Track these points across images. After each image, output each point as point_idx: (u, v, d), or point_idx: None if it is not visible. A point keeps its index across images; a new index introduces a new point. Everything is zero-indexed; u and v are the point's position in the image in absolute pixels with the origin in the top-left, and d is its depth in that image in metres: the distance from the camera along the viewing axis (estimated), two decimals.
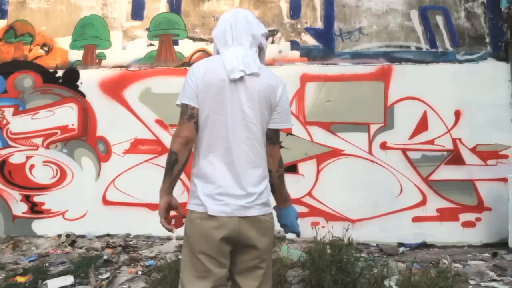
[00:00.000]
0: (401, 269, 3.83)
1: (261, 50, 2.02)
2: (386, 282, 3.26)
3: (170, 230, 1.88)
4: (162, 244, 5.07)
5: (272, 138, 1.93)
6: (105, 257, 4.47)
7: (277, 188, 2.01)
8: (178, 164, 1.81)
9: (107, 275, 4.01)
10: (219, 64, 1.84)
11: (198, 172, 1.84)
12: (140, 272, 4.05)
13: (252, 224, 1.79)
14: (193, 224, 1.79)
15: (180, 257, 2.68)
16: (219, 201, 1.76)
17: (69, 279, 3.86)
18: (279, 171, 1.97)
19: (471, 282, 3.96)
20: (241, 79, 1.81)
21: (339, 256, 3.38)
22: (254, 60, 1.87)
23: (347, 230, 3.65)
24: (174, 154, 1.80)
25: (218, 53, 1.93)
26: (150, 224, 4.82)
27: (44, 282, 3.81)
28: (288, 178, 5.65)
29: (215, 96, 1.80)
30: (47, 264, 4.37)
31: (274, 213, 2.06)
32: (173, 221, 1.88)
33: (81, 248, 5.03)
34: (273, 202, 2.08)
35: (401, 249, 5.26)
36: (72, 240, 5.15)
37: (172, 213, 1.91)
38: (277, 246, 4.20)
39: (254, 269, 1.83)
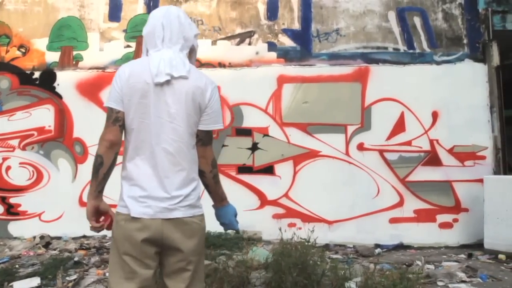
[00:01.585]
0: (371, 271, 3.81)
1: (192, 51, 2.00)
2: (347, 284, 3.25)
3: (99, 230, 1.87)
4: None
5: (203, 139, 1.92)
6: (76, 259, 4.45)
7: (213, 189, 2.00)
8: (103, 168, 1.80)
9: (75, 276, 3.99)
10: (145, 67, 1.82)
11: (125, 174, 1.84)
12: (108, 274, 4.03)
13: (176, 226, 1.78)
14: (118, 225, 1.80)
15: None
16: (142, 203, 1.76)
17: (35, 281, 3.84)
18: (212, 171, 1.97)
19: (439, 283, 3.95)
20: (168, 82, 1.80)
21: (302, 258, 3.37)
22: (184, 63, 1.85)
23: (312, 231, 3.62)
24: (99, 157, 1.81)
25: (148, 53, 1.91)
26: None
27: (10, 284, 3.80)
28: (265, 179, 5.72)
29: (140, 99, 1.79)
30: (17, 266, 4.35)
31: (212, 214, 2.06)
32: (102, 218, 1.88)
33: (55, 249, 5.01)
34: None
35: (377, 250, 5.25)
36: (46, 241, 5.14)
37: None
38: (244, 248, 4.18)
39: (181, 271, 1.82)
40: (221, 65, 5.71)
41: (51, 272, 4.04)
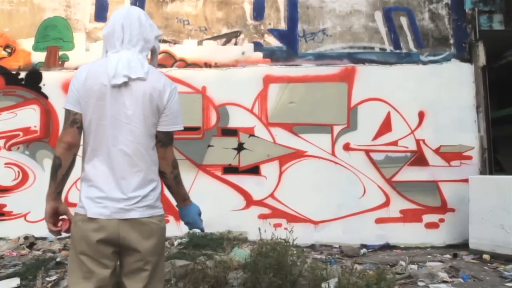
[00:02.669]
0: (348, 271, 3.80)
1: (153, 53, 2.01)
2: (323, 285, 3.24)
3: (58, 233, 1.87)
4: None
5: (162, 140, 1.92)
6: (58, 259, 4.44)
7: (174, 189, 2.01)
8: (61, 169, 1.81)
9: (55, 277, 3.98)
10: (102, 69, 1.82)
11: (83, 176, 1.85)
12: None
13: (133, 226, 1.79)
14: (76, 226, 1.81)
15: None
16: (99, 204, 1.77)
17: (14, 282, 3.83)
18: (173, 172, 1.97)
19: (420, 283, 3.94)
20: (125, 83, 1.81)
21: (280, 258, 3.36)
22: (142, 64, 1.85)
23: (291, 231, 3.61)
24: (58, 159, 1.82)
25: (106, 54, 1.91)
26: None
27: None
28: (251, 179, 5.72)
29: (97, 101, 1.80)
30: None
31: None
32: (60, 223, 1.87)
33: (39, 250, 5.00)
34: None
35: (363, 250, 5.24)
36: (30, 242, 5.13)
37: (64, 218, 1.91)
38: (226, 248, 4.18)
39: (139, 271, 1.82)
40: (207, 65, 5.70)
41: (32, 272, 4.03)
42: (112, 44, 1.89)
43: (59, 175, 1.82)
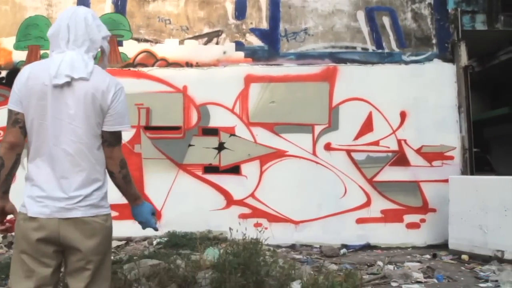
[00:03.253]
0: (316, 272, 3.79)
1: (102, 53, 2.01)
2: (291, 285, 3.23)
3: (3, 232, 1.89)
4: None
5: (108, 140, 1.92)
6: None
7: (124, 189, 2.01)
8: (4, 169, 1.83)
9: None
10: (44, 69, 1.84)
11: (27, 175, 1.87)
12: None
13: (75, 226, 1.80)
14: (18, 225, 1.83)
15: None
16: (40, 203, 1.79)
17: None
18: (121, 172, 1.97)
19: (393, 284, 3.94)
20: (68, 83, 1.82)
21: (252, 258, 3.35)
22: (86, 64, 1.86)
23: (260, 231, 3.60)
24: (0, 159, 1.83)
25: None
26: None
27: None
28: (231, 179, 5.68)
29: (38, 101, 1.81)
30: None
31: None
32: (7, 224, 1.89)
33: None
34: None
35: (343, 250, 5.23)
36: (9, 241, 5.12)
37: (11, 217, 1.92)
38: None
39: (81, 271, 1.83)
40: (188, 64, 5.69)
41: (5, 271, 4.02)
42: (57, 44, 1.90)
43: (2, 175, 1.83)
